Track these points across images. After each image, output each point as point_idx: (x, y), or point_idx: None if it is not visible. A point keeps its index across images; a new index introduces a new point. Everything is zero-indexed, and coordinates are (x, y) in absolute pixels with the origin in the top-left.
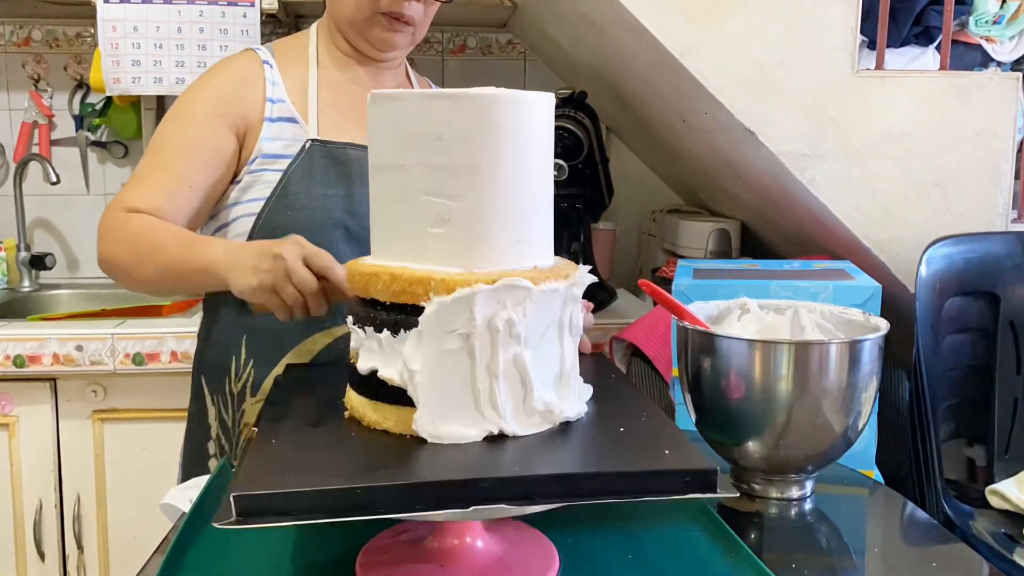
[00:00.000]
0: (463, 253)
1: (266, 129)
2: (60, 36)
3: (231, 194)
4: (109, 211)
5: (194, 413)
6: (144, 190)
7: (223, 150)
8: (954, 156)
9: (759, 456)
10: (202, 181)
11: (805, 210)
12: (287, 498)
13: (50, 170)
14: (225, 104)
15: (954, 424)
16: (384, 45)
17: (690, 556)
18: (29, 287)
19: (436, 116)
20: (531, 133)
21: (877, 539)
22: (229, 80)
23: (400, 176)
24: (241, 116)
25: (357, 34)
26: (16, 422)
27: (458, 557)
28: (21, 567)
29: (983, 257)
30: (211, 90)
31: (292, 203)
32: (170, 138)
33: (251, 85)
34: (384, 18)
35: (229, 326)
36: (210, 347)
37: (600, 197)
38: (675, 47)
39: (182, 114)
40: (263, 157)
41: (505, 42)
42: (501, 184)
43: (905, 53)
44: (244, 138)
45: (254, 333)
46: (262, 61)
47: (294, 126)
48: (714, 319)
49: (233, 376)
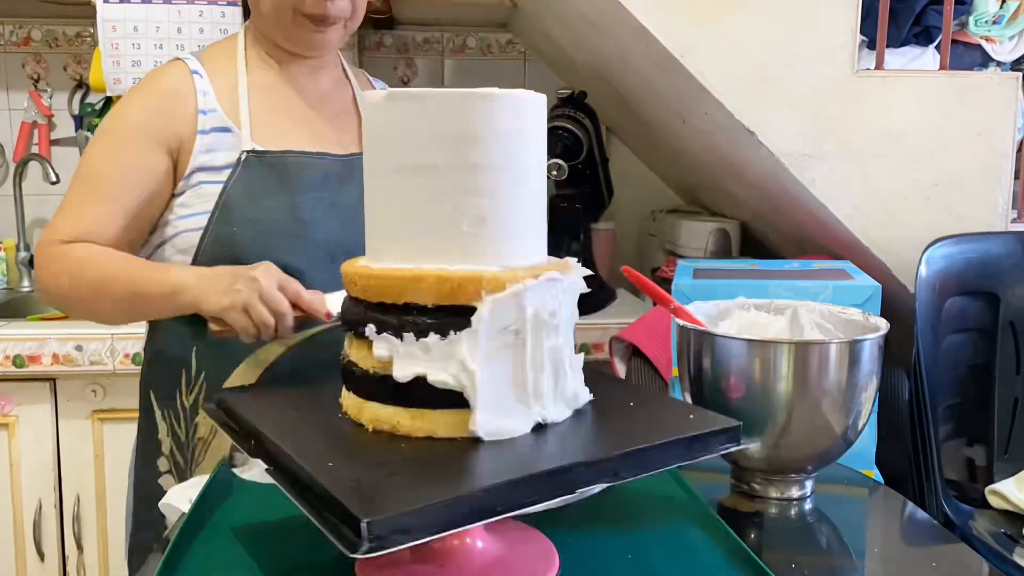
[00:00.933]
0: (492, 251)
1: (200, 142)
2: (60, 36)
3: (172, 209)
4: (45, 244)
5: (143, 431)
6: (76, 220)
7: (155, 170)
8: (954, 156)
9: (759, 456)
10: (134, 204)
11: (805, 210)
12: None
13: (50, 170)
14: (154, 124)
15: (954, 424)
16: (313, 47)
17: (690, 556)
18: (29, 287)
19: (470, 116)
20: (543, 132)
21: (877, 539)
22: (156, 97)
23: (430, 177)
24: (172, 133)
25: (283, 36)
26: (16, 422)
27: (458, 557)
28: (21, 567)
29: (983, 257)
30: (139, 109)
31: (236, 217)
32: (99, 164)
33: (180, 98)
34: (308, 20)
35: (177, 339)
36: (158, 361)
37: (600, 197)
38: (675, 47)
39: (111, 139)
40: (200, 170)
41: (505, 42)
42: (527, 182)
43: (905, 53)
44: (178, 154)
45: (204, 345)
46: (191, 71)
47: (228, 135)
48: (713, 319)
49: (184, 389)
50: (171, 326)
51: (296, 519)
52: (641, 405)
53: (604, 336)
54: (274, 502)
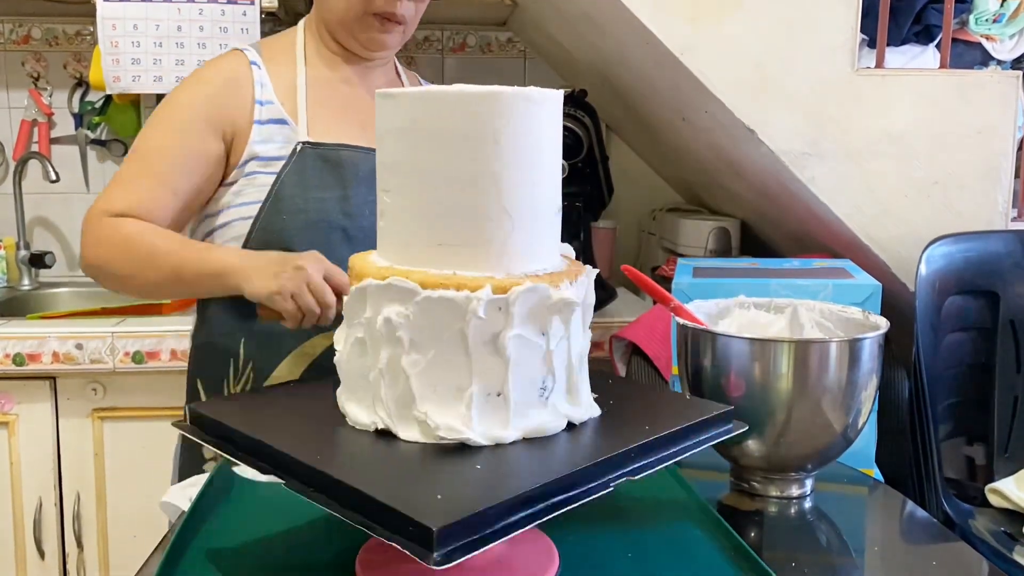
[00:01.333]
0: (505, 251)
1: (256, 132)
2: (60, 34)
3: (223, 197)
4: (93, 215)
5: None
6: (128, 194)
7: (209, 155)
8: (954, 155)
9: (759, 455)
10: (187, 186)
11: (805, 209)
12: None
13: (50, 168)
14: (212, 108)
15: (954, 423)
16: (375, 45)
17: (690, 556)
18: (29, 285)
19: (487, 114)
20: (558, 131)
21: (877, 538)
22: (216, 83)
23: (443, 176)
24: (229, 120)
25: (347, 34)
26: (16, 420)
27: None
28: (21, 566)
29: (983, 256)
30: (198, 94)
31: (287, 207)
32: (155, 142)
33: (239, 87)
34: (376, 19)
35: (226, 328)
36: (206, 350)
37: (600, 195)
38: (675, 46)
39: (167, 118)
40: (255, 160)
41: (505, 40)
42: (542, 181)
43: (905, 52)
44: (232, 142)
45: (253, 335)
46: (250, 62)
47: (284, 127)
48: (714, 317)
49: (232, 379)
50: (221, 317)
51: (296, 518)
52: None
53: (604, 335)
54: (274, 502)
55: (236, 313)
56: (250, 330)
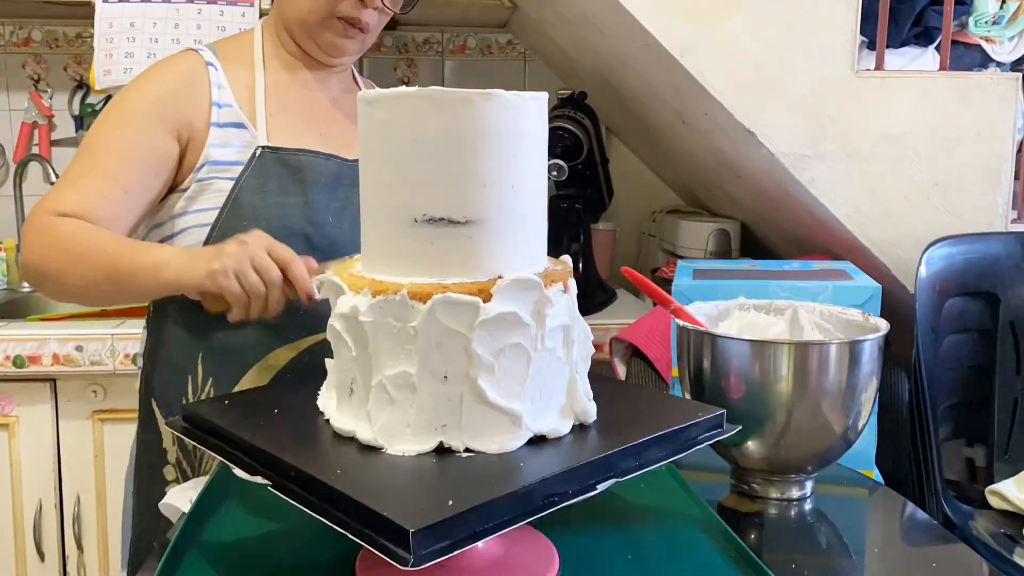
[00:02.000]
0: (491, 255)
1: (213, 135)
2: (60, 36)
3: (177, 203)
4: (35, 213)
5: (145, 440)
6: (75, 193)
7: (163, 155)
8: (954, 156)
9: (759, 456)
10: (138, 186)
11: (805, 210)
12: (459, 521)
13: (50, 170)
14: (167, 106)
15: (954, 424)
16: (334, 51)
17: (690, 556)
18: (29, 288)
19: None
20: (544, 132)
21: (877, 539)
22: (172, 81)
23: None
24: (184, 120)
25: (308, 37)
26: (16, 422)
27: (458, 557)
28: (21, 567)
29: (983, 257)
30: (152, 91)
31: (247, 213)
32: (105, 139)
33: (195, 87)
34: (339, 23)
35: (181, 343)
36: (161, 367)
37: (600, 197)
38: (675, 47)
39: (119, 114)
40: (211, 164)
41: (505, 42)
42: (528, 184)
43: (905, 53)
44: (187, 144)
45: (211, 350)
46: (206, 62)
47: (242, 131)
48: (713, 319)
49: (191, 396)
50: (175, 332)
51: (296, 519)
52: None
53: (604, 337)
54: (274, 502)
55: (191, 327)
56: (208, 345)
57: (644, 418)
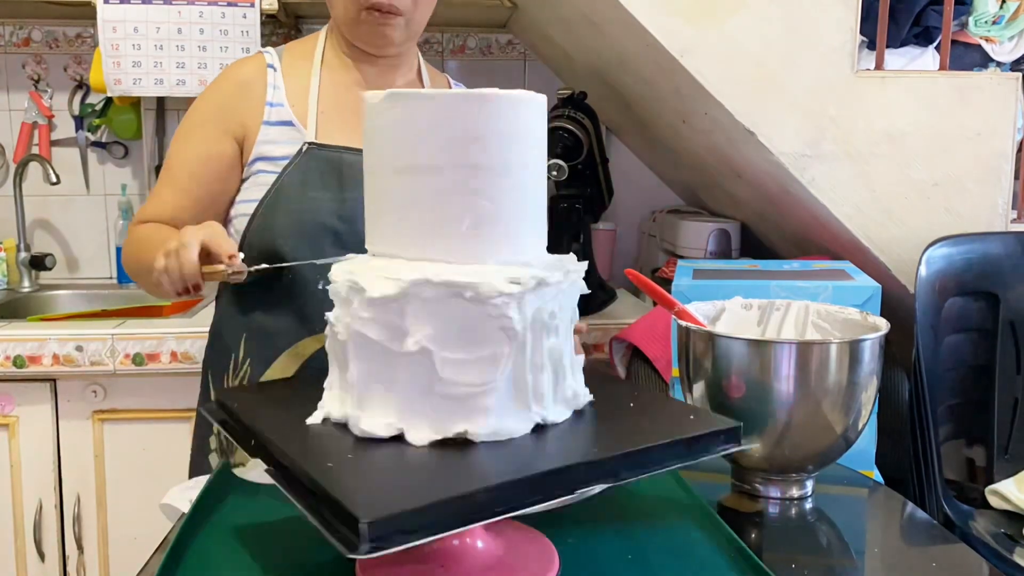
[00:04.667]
0: (492, 251)
1: (263, 132)
2: (60, 37)
3: (237, 195)
4: (131, 225)
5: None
6: (153, 204)
7: (223, 157)
8: (954, 156)
9: (759, 456)
10: (205, 192)
11: (805, 210)
12: (418, 515)
13: (50, 170)
14: (224, 112)
15: (954, 424)
16: (377, 39)
17: (690, 556)
18: (29, 287)
19: (470, 116)
20: (543, 132)
21: (877, 539)
22: (229, 87)
23: (429, 177)
24: (239, 122)
25: (353, 33)
26: (16, 422)
27: (458, 557)
28: (21, 567)
29: (983, 257)
30: (213, 100)
31: (284, 205)
32: (175, 153)
33: (250, 90)
34: (371, 13)
35: (231, 324)
36: (215, 343)
37: (600, 197)
38: (675, 47)
39: (189, 127)
40: (261, 159)
41: (505, 42)
42: (527, 182)
43: (905, 53)
44: (243, 142)
45: (252, 332)
46: (267, 64)
47: (292, 129)
48: (713, 319)
49: (231, 373)
50: (229, 312)
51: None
52: (641, 405)
53: (604, 336)
54: (274, 502)
55: (238, 308)
56: (249, 327)
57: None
